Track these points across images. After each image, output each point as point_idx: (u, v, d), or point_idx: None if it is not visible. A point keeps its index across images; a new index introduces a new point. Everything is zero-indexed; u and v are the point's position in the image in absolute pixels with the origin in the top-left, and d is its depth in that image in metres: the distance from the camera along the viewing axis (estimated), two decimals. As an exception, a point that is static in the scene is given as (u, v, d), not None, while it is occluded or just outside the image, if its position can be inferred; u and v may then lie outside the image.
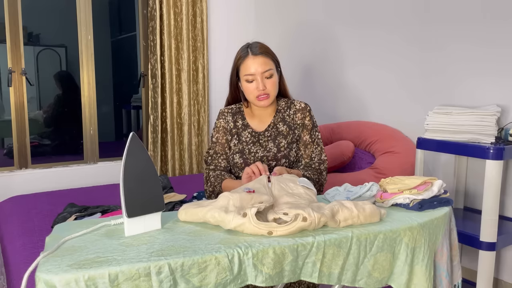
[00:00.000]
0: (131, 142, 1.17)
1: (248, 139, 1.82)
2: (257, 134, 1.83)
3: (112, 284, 0.97)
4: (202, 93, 3.68)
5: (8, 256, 1.99)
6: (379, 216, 1.28)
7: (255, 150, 1.80)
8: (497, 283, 2.30)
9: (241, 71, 1.77)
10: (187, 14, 3.54)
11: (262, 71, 1.72)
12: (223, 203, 1.27)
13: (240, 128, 1.85)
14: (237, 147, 1.82)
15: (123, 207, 1.15)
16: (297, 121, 1.83)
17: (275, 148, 1.80)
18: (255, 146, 1.81)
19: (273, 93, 1.77)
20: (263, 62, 1.73)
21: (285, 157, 1.80)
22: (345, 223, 1.24)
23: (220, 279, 1.06)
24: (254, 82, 1.73)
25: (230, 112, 1.88)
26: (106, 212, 2.27)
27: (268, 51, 1.78)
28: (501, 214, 2.22)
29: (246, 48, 1.77)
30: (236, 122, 1.86)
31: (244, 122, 1.85)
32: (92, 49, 3.41)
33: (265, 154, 1.80)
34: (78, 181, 3.32)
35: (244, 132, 1.83)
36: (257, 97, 1.74)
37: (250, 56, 1.74)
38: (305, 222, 1.18)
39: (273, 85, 1.75)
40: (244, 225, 1.17)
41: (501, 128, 2.09)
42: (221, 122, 1.86)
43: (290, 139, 1.81)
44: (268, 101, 1.76)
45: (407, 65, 2.69)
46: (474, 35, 2.31)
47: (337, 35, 3.18)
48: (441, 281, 1.36)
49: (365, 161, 2.72)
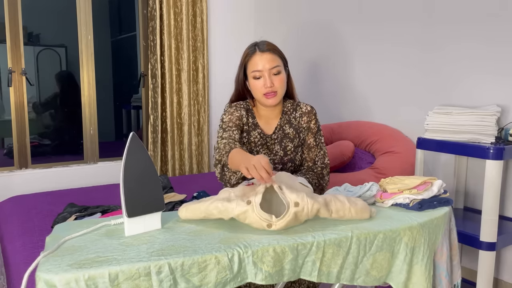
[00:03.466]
0: (131, 142, 1.17)
1: (257, 139, 1.78)
2: (265, 137, 1.79)
3: (112, 283, 0.97)
4: (202, 93, 3.68)
5: (8, 256, 1.99)
6: (369, 213, 1.30)
7: (263, 153, 1.77)
8: (497, 283, 2.30)
9: (248, 68, 1.74)
10: (187, 14, 3.54)
11: (270, 68, 1.69)
12: (225, 196, 1.29)
13: (251, 126, 1.79)
14: (246, 147, 1.78)
15: (123, 207, 1.15)
16: (303, 125, 1.80)
17: (282, 152, 1.77)
18: (262, 148, 1.78)
19: (280, 91, 1.73)
20: (271, 58, 1.70)
21: (291, 161, 1.77)
22: (337, 215, 1.26)
23: (220, 278, 1.06)
24: (262, 79, 1.70)
25: (243, 107, 1.80)
26: (106, 212, 2.27)
27: (276, 48, 1.75)
28: (501, 214, 2.22)
29: (254, 45, 1.75)
30: (248, 119, 1.79)
31: (254, 121, 1.80)
32: (92, 49, 3.41)
33: (272, 157, 1.77)
34: (78, 181, 3.32)
35: (254, 132, 1.79)
36: (265, 95, 1.71)
37: (257, 53, 1.71)
38: (298, 208, 1.19)
39: (281, 82, 1.72)
40: (247, 212, 1.19)
41: (501, 128, 2.09)
42: (236, 112, 1.77)
43: (297, 143, 1.79)
44: (275, 99, 1.72)
45: (407, 65, 2.69)
46: (474, 35, 2.31)
47: (338, 35, 3.18)
48: (440, 280, 1.36)
49: (365, 161, 2.72)
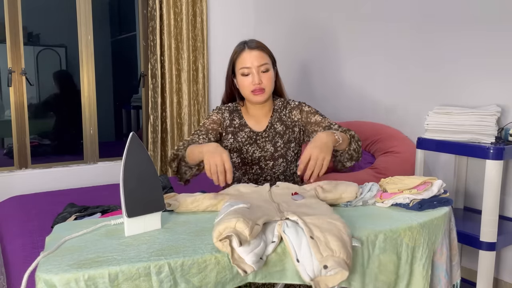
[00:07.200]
0: (131, 142, 1.17)
1: (244, 139, 1.78)
2: (254, 134, 1.79)
3: (112, 283, 0.97)
4: (202, 93, 3.68)
5: (8, 256, 1.99)
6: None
7: (252, 150, 1.78)
8: (497, 283, 2.30)
9: (236, 65, 1.75)
10: (187, 14, 3.54)
11: (258, 65, 1.71)
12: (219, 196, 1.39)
13: (237, 127, 1.80)
14: (234, 146, 1.78)
15: (123, 207, 1.15)
16: (294, 118, 1.81)
17: (272, 148, 1.77)
18: (252, 146, 1.78)
19: (268, 88, 1.74)
20: (259, 55, 1.72)
21: (282, 156, 1.77)
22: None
23: (220, 278, 1.06)
24: (250, 76, 1.71)
25: (227, 109, 1.84)
26: (106, 212, 2.26)
27: (265, 47, 1.77)
28: (501, 214, 2.22)
29: (243, 43, 1.77)
30: (233, 121, 1.81)
31: (242, 121, 1.81)
32: (92, 49, 3.40)
33: (262, 154, 1.77)
34: (78, 181, 3.32)
35: (241, 133, 1.79)
36: (252, 92, 1.72)
37: (246, 50, 1.73)
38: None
39: (269, 79, 1.73)
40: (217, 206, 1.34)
41: (501, 128, 2.09)
42: (215, 115, 1.81)
43: (287, 139, 1.79)
44: (263, 96, 1.73)
45: (407, 65, 2.69)
46: (475, 35, 2.31)
47: (337, 34, 3.18)
48: (440, 280, 1.36)
49: (365, 161, 2.72)
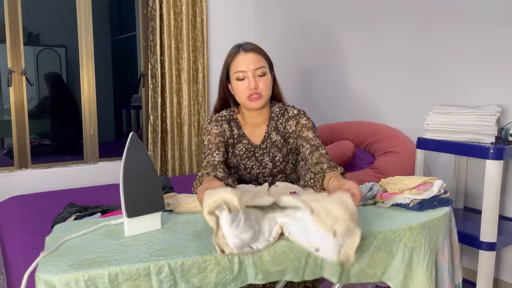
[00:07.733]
0: (131, 142, 1.17)
1: (242, 152, 1.66)
2: (253, 148, 1.67)
3: (112, 284, 0.97)
4: (202, 93, 3.68)
5: (8, 256, 1.99)
6: None
7: (251, 165, 1.65)
8: (497, 283, 2.30)
9: (231, 69, 1.62)
10: (187, 14, 3.53)
11: (254, 68, 1.58)
12: None
13: (236, 138, 1.67)
14: (232, 161, 1.66)
15: (123, 207, 1.15)
16: (288, 129, 1.66)
17: (271, 164, 1.64)
18: (250, 160, 1.66)
19: (265, 94, 1.61)
20: (255, 58, 1.59)
21: (282, 172, 1.66)
22: None
23: (220, 279, 1.06)
24: (246, 80, 1.58)
25: (225, 119, 1.68)
26: (106, 212, 2.26)
27: (261, 50, 1.64)
28: (501, 214, 2.22)
29: (238, 46, 1.64)
30: (232, 131, 1.67)
31: (240, 132, 1.68)
32: (92, 49, 3.40)
33: (261, 170, 1.65)
34: (78, 181, 3.31)
35: (239, 145, 1.67)
36: (248, 97, 1.58)
37: (241, 53, 1.60)
38: None
39: (266, 84, 1.60)
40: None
41: (501, 128, 2.09)
42: (214, 128, 1.65)
43: (285, 152, 1.66)
44: (260, 102, 1.60)
45: (407, 65, 2.69)
46: (475, 35, 2.31)
47: (338, 35, 3.17)
48: (443, 281, 1.36)
49: (365, 161, 2.72)
